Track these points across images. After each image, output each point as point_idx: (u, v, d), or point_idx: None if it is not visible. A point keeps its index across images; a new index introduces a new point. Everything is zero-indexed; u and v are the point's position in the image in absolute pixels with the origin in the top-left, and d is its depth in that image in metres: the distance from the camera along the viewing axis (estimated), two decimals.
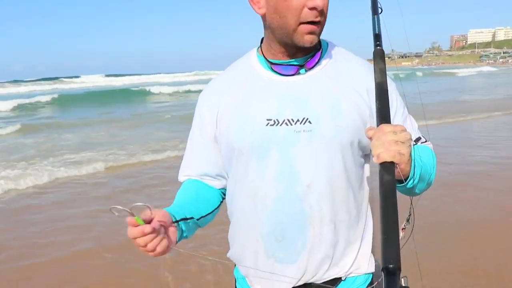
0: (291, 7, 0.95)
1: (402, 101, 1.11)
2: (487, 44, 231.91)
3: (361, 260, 1.12)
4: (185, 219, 1.03)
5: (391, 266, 0.68)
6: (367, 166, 1.12)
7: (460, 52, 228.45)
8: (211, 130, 1.12)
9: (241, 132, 1.05)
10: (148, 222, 0.90)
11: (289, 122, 1.01)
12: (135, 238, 0.89)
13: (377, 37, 1.05)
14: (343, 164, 1.03)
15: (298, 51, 1.04)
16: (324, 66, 1.07)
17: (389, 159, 0.83)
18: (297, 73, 1.06)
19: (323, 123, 1.01)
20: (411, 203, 1.06)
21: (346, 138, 1.02)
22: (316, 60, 1.07)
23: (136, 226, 0.88)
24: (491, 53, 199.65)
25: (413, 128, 1.10)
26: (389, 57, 1.09)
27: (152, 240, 0.90)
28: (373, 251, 1.15)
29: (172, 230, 0.98)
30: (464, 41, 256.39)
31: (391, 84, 1.06)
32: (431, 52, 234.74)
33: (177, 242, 1.00)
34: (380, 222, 0.75)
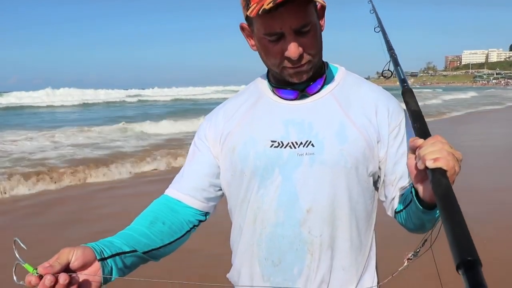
0: (272, 52, 0.99)
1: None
2: (480, 65, 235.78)
3: None
4: (119, 253, 0.95)
5: (470, 258, 0.57)
6: (375, 198, 1.09)
7: (455, 73, 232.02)
8: (214, 149, 1.13)
9: (245, 152, 1.05)
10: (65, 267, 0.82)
11: (293, 145, 1.01)
12: None
13: (404, 81, 1.06)
14: (346, 190, 1.01)
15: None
16: (331, 91, 1.07)
17: (446, 168, 0.75)
18: (298, 98, 1.06)
19: (326, 147, 1.00)
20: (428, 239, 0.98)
21: (350, 163, 1.00)
22: (319, 86, 1.06)
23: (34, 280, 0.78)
24: (484, 74, 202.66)
25: None
26: (384, 76, 1.13)
27: None
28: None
29: (92, 270, 0.88)
30: (459, 62, 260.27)
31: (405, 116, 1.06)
32: (426, 72, 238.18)
33: (109, 281, 0.90)
34: (444, 221, 0.65)
